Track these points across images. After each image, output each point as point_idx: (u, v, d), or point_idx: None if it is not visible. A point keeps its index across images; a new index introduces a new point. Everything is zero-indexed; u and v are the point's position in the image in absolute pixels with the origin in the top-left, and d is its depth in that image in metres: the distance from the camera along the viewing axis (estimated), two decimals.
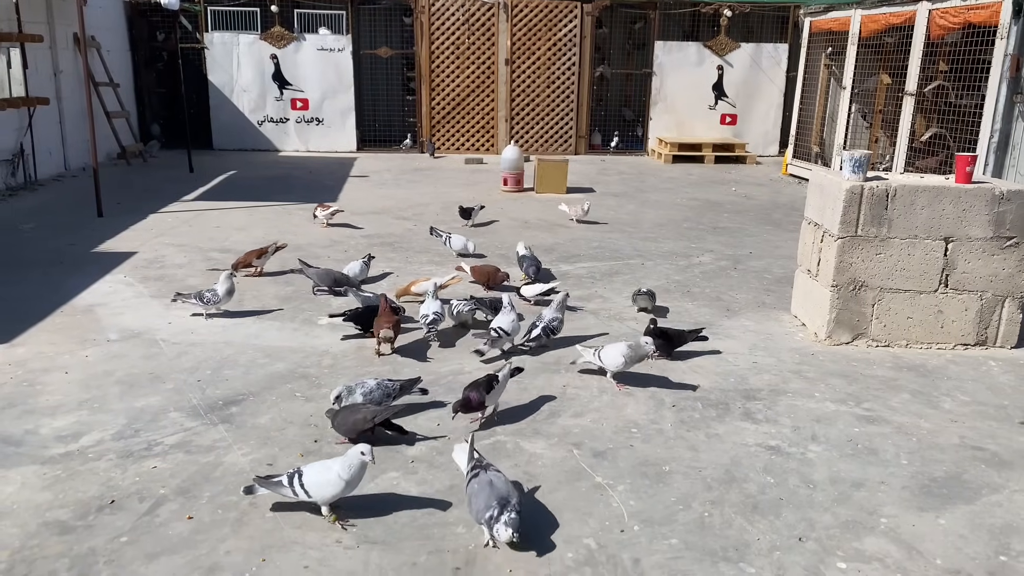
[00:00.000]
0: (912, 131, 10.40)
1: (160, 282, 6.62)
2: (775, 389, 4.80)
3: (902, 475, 3.86)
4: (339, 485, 3.36)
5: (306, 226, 8.81)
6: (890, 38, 11.00)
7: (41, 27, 11.38)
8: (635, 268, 7.39)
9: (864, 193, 5.27)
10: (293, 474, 3.40)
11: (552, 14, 14.83)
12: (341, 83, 14.84)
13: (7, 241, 7.86)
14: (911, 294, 5.43)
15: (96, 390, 4.57)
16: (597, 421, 4.33)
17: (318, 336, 5.51)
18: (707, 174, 13.56)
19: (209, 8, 14.33)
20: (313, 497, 3.36)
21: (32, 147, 10.98)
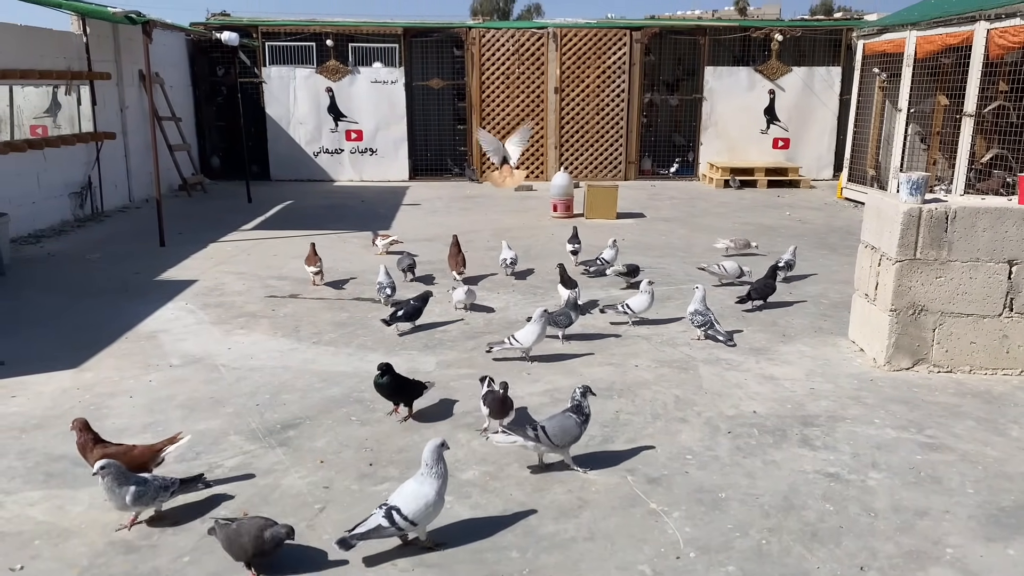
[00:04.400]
0: (972, 152, 10.17)
1: (220, 309, 6.79)
2: (833, 415, 4.71)
3: (968, 504, 3.74)
4: (440, 504, 3.36)
5: (360, 253, 8.96)
6: (947, 59, 10.81)
7: (109, 65, 11.88)
8: (688, 293, 7.32)
9: (923, 215, 5.17)
10: (389, 511, 3.25)
11: (601, 42, 14.93)
12: (394, 114, 15.13)
13: (76, 270, 8.15)
14: (974, 318, 5.29)
15: (159, 414, 4.70)
16: (651, 448, 4.30)
17: (372, 361, 5.56)
18: (760, 198, 13.42)
19: (267, 44, 14.78)
20: (419, 525, 3.29)
21: (99, 180, 11.41)
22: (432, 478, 3.34)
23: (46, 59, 10.29)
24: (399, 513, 3.27)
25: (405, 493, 3.34)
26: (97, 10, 9.63)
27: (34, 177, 9.93)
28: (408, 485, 3.38)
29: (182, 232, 9.99)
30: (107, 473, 3.46)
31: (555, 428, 3.98)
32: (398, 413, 4.66)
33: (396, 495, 3.36)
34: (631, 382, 5.21)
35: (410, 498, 3.30)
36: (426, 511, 3.30)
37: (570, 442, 4.02)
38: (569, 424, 4.00)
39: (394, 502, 3.31)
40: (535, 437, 3.95)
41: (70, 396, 4.94)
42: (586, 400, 4.08)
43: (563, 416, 4.05)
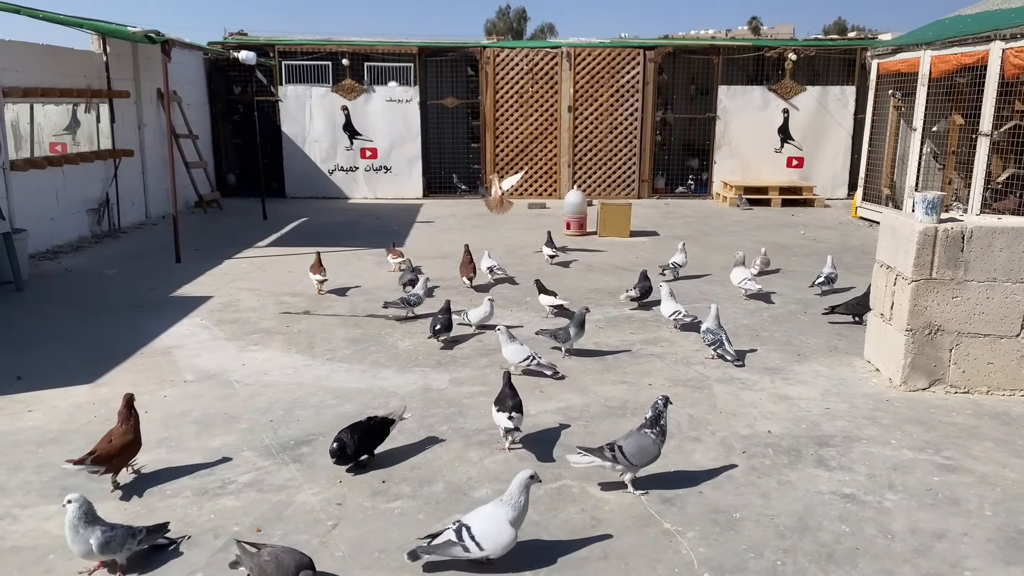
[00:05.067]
0: (988, 172, 10.13)
1: (235, 325, 6.83)
2: (849, 436, 4.68)
3: (986, 527, 3.70)
4: (510, 533, 3.27)
5: (374, 270, 9.00)
6: (962, 78, 10.79)
7: (128, 83, 12.04)
8: (702, 312, 7.31)
9: (938, 235, 5.15)
10: (460, 527, 3.27)
11: (614, 61, 15.00)
12: (408, 132, 15.23)
13: (93, 286, 8.22)
14: (991, 339, 5.25)
15: (174, 429, 4.72)
16: (665, 467, 4.27)
17: (386, 378, 5.60)
18: (774, 217, 13.40)
19: (283, 62, 14.94)
20: (486, 550, 3.24)
21: (117, 196, 11.53)
22: (509, 507, 3.33)
23: (67, 78, 10.44)
24: (469, 532, 3.27)
25: (481, 515, 3.35)
26: (117, 30, 9.78)
27: (53, 194, 10.05)
28: (485, 508, 3.40)
29: (198, 248, 10.07)
30: (76, 506, 3.24)
31: (632, 448, 3.91)
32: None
33: (472, 515, 3.38)
34: (645, 401, 5.18)
35: (483, 520, 3.31)
36: (496, 536, 3.27)
37: (648, 462, 3.97)
38: (646, 443, 3.94)
39: (468, 521, 3.33)
40: (612, 458, 3.91)
41: (86, 411, 4.97)
42: (666, 411, 4.02)
43: (640, 434, 3.98)
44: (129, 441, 4.02)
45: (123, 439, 4.00)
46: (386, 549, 3.49)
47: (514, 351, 5.56)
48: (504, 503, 3.35)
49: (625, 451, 3.91)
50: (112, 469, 3.98)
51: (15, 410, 4.98)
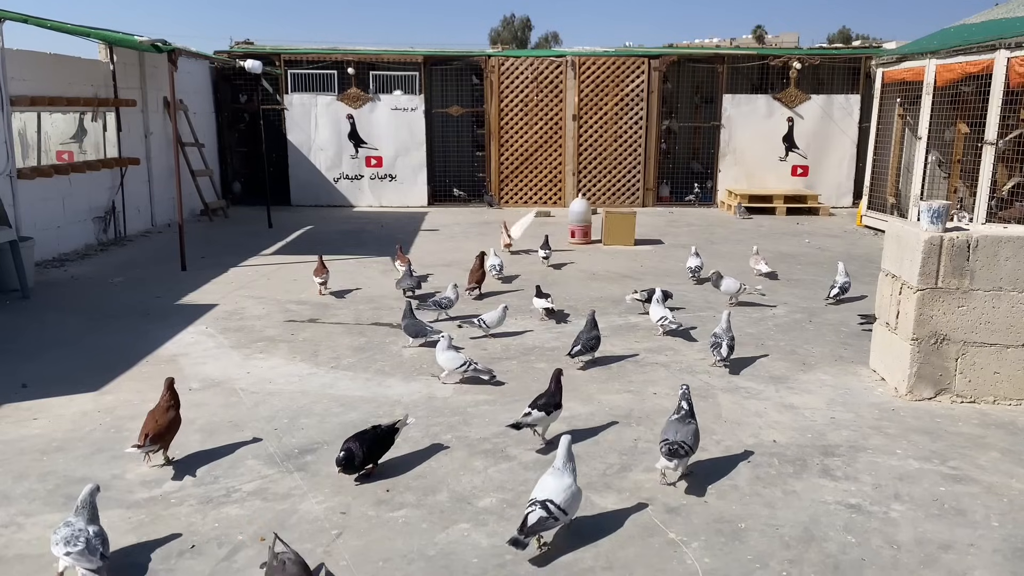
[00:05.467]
0: (993, 181, 10.11)
1: (240, 333, 6.84)
2: (854, 445, 4.66)
3: (993, 538, 3.68)
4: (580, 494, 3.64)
5: (379, 278, 9.01)
6: (967, 87, 10.79)
7: (135, 92, 12.10)
8: (706, 320, 7.31)
9: (944, 244, 5.14)
10: (544, 504, 3.46)
11: (619, 70, 15.04)
12: (413, 141, 15.28)
13: (98, 294, 8.25)
14: (997, 348, 5.23)
15: (179, 436, 4.70)
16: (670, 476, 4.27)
17: (390, 386, 5.60)
18: (779, 225, 13.39)
19: (289, 71, 15.00)
20: (568, 514, 3.55)
21: (123, 205, 11.58)
22: (568, 472, 3.62)
23: (74, 86, 10.50)
24: (555, 505, 3.49)
25: (551, 488, 3.56)
26: (124, 39, 9.83)
27: (59, 202, 10.09)
28: (548, 481, 3.60)
29: (204, 256, 10.10)
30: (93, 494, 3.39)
31: (692, 439, 4.21)
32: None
33: (541, 491, 3.56)
34: (649, 410, 5.18)
35: (560, 492, 3.54)
36: (574, 501, 3.57)
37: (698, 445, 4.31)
38: (695, 428, 4.26)
39: (544, 496, 3.52)
40: (686, 453, 4.14)
41: (91, 419, 4.98)
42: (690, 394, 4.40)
43: (686, 424, 4.25)
44: (172, 418, 4.39)
45: (166, 416, 4.37)
46: (390, 558, 3.49)
47: (449, 358, 5.57)
48: (563, 470, 3.62)
49: (688, 443, 4.16)
50: (164, 445, 4.34)
51: (20, 418, 4.99)
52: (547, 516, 3.46)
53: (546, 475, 3.64)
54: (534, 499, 3.53)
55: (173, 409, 4.42)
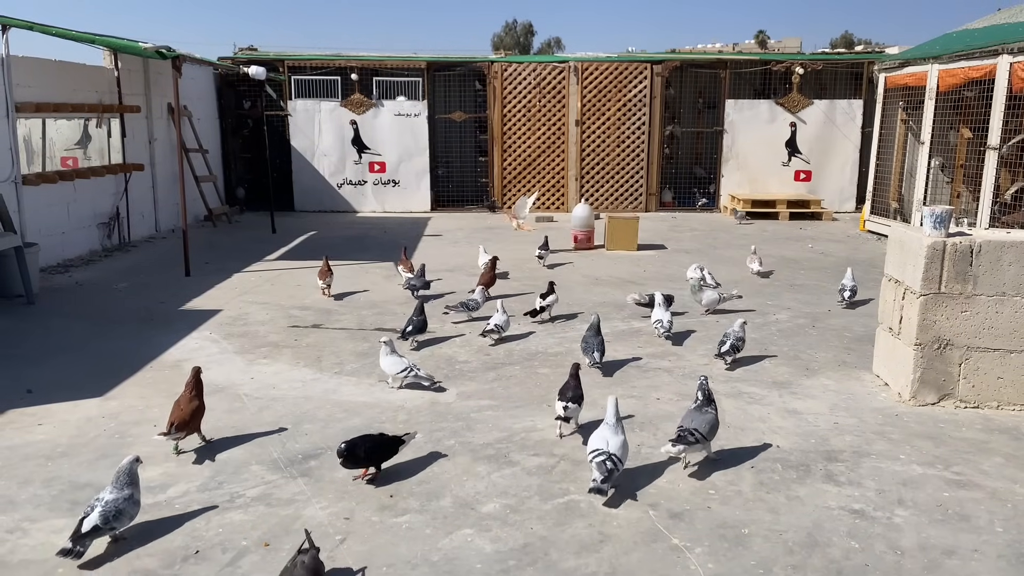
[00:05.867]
0: (996, 186, 10.11)
1: (244, 339, 6.85)
2: (858, 451, 4.66)
3: (997, 543, 3.68)
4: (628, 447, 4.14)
5: (382, 283, 9.02)
6: (970, 92, 10.79)
7: (139, 98, 12.14)
8: (709, 326, 7.31)
9: (947, 249, 5.14)
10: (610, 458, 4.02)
11: (621, 76, 15.06)
12: (417, 146, 15.31)
13: (103, 300, 8.27)
14: (1001, 353, 5.23)
15: (183, 443, 4.73)
16: (673, 481, 4.27)
17: (393, 392, 5.61)
18: (782, 230, 13.39)
19: (293, 77, 15.04)
20: (624, 463, 4.09)
21: (127, 210, 11.61)
22: (620, 430, 4.14)
23: (78, 93, 10.54)
24: (616, 457, 4.04)
25: (610, 442, 4.08)
26: (129, 45, 9.87)
27: (64, 208, 10.13)
28: (605, 434, 4.12)
29: (208, 262, 10.12)
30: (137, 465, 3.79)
31: (706, 426, 4.39)
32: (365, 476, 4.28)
33: (604, 443, 4.08)
34: (652, 415, 5.18)
35: (617, 445, 4.08)
36: (625, 452, 4.13)
37: (716, 432, 4.47)
38: (711, 418, 4.44)
39: (608, 450, 4.05)
40: (696, 440, 4.32)
41: (96, 424, 4.99)
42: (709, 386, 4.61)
43: (703, 413, 4.45)
44: (196, 407, 4.62)
45: (191, 405, 4.60)
46: (394, 564, 3.49)
47: (390, 363, 5.59)
48: (616, 427, 4.15)
49: (701, 431, 4.35)
50: (190, 432, 4.59)
51: (25, 423, 5.00)
52: (613, 468, 4.03)
53: (603, 430, 4.17)
54: (600, 450, 4.06)
55: (196, 398, 4.64)
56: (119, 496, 3.59)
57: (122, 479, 3.65)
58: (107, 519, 3.51)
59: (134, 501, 3.64)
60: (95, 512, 3.51)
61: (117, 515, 3.54)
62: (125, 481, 3.65)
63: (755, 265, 9.64)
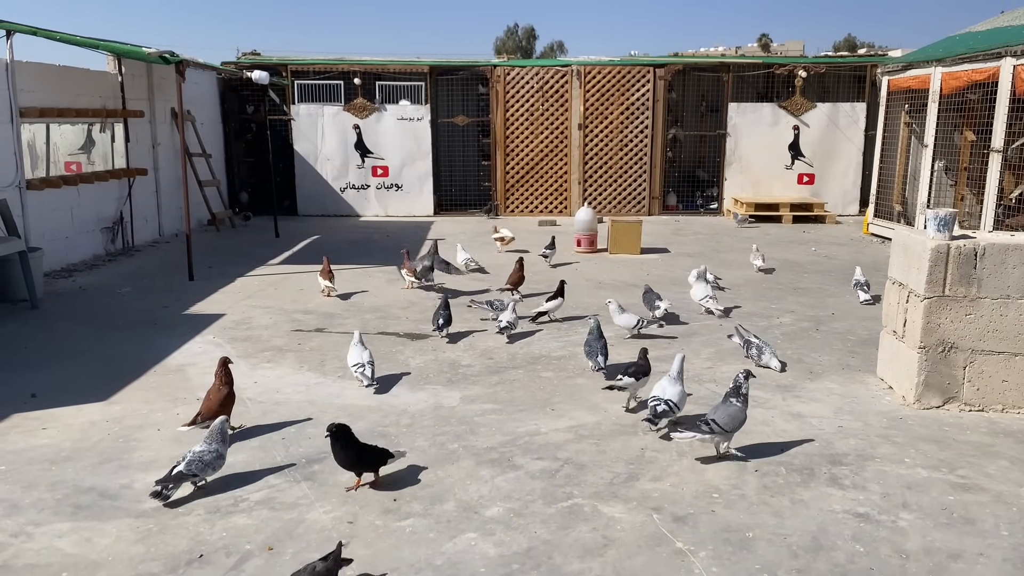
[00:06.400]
0: (1000, 188, 10.10)
1: (247, 343, 6.86)
2: (862, 454, 4.65)
3: (1002, 547, 3.66)
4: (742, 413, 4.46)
5: (385, 287, 9.03)
6: (973, 95, 10.78)
7: (143, 103, 12.17)
8: (713, 329, 7.31)
9: (951, 252, 5.13)
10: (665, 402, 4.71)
11: (624, 79, 15.07)
12: (420, 150, 15.32)
13: (106, 304, 8.28)
14: (1006, 356, 5.22)
15: (186, 446, 4.70)
16: (677, 485, 4.26)
17: (397, 395, 5.61)
18: (785, 233, 13.38)
19: (296, 82, 15.07)
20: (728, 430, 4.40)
21: (131, 215, 11.63)
22: (680, 382, 4.82)
23: (82, 98, 10.57)
24: (672, 402, 4.73)
25: (670, 391, 4.77)
26: (133, 50, 9.90)
27: (68, 212, 10.15)
28: (667, 386, 4.80)
29: (211, 266, 10.13)
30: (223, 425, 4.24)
31: (724, 417, 4.45)
32: (357, 488, 4.19)
33: (663, 392, 4.78)
34: None
35: (675, 394, 4.77)
36: (682, 400, 4.82)
37: (738, 427, 4.50)
38: (734, 411, 4.48)
39: (666, 396, 4.75)
40: (710, 430, 4.41)
41: (99, 428, 4.99)
42: (747, 383, 4.58)
43: (727, 404, 4.51)
44: (225, 395, 4.80)
45: (219, 395, 4.79)
46: (397, 568, 3.49)
47: (351, 356, 5.83)
48: (676, 379, 4.83)
49: (719, 422, 4.41)
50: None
51: (29, 427, 5.01)
52: (668, 409, 4.71)
53: (663, 381, 4.83)
54: (658, 397, 4.74)
55: (226, 387, 4.82)
56: (206, 449, 4.10)
57: (213, 435, 4.17)
58: (191, 467, 4.03)
59: (219, 455, 4.15)
60: (184, 461, 4.04)
61: (202, 465, 4.07)
62: (214, 438, 4.16)
63: (758, 262, 9.94)
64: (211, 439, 4.17)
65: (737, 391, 4.55)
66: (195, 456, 4.07)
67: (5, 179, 8.84)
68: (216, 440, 4.17)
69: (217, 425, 4.21)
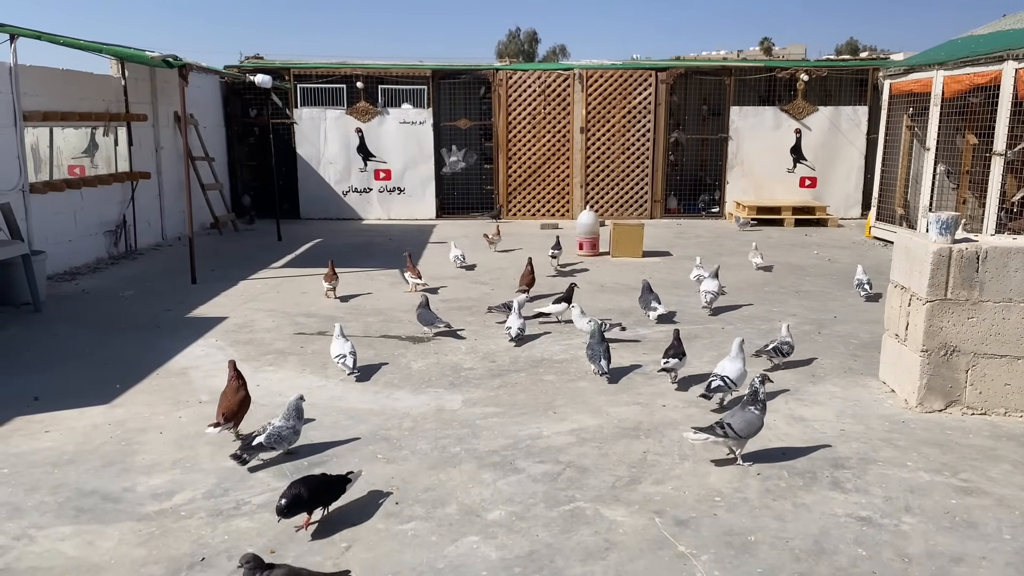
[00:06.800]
0: (1002, 192, 10.09)
1: (249, 346, 6.87)
2: (864, 457, 4.64)
3: (1005, 550, 3.66)
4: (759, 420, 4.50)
5: (388, 290, 9.04)
6: (975, 98, 10.78)
7: (146, 107, 12.20)
8: (715, 332, 7.31)
9: (953, 255, 5.13)
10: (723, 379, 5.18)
11: (626, 83, 15.09)
12: (422, 154, 15.35)
13: (109, 307, 8.30)
14: (1008, 360, 5.21)
15: (188, 450, 4.74)
16: (679, 489, 4.26)
17: (399, 399, 5.61)
18: (787, 237, 13.38)
19: (299, 85, 15.11)
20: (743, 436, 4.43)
21: (133, 218, 11.66)
22: (740, 360, 5.30)
23: (86, 102, 10.59)
24: (729, 379, 5.20)
25: (728, 368, 5.26)
26: (136, 54, 9.92)
27: (71, 216, 10.17)
28: (726, 364, 5.29)
29: (214, 269, 10.15)
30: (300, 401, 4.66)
31: (740, 423, 4.45)
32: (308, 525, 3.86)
33: (721, 369, 5.27)
34: (658, 422, 5.18)
35: (733, 371, 5.21)
36: (741, 378, 5.23)
37: (753, 433, 4.52)
38: (751, 417, 4.49)
39: (723, 373, 5.22)
40: (723, 434, 4.42)
41: (102, 431, 5.00)
42: (764, 388, 4.59)
43: (744, 411, 4.51)
44: (243, 397, 4.86)
45: (237, 396, 4.84)
46: (399, 571, 3.49)
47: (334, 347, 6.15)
48: (736, 357, 5.29)
49: (734, 427, 4.42)
50: (237, 422, 4.83)
51: (32, 431, 5.02)
52: (723, 385, 5.16)
53: (724, 360, 5.34)
54: (716, 373, 5.24)
55: (243, 388, 4.88)
56: (284, 424, 4.51)
57: (289, 412, 4.57)
58: (270, 439, 4.44)
59: (295, 431, 4.57)
60: (264, 433, 4.44)
61: (278, 439, 4.48)
62: (291, 414, 4.56)
63: (757, 259, 10.23)
64: (288, 416, 4.56)
65: (755, 397, 4.53)
66: (274, 431, 4.47)
67: (9, 183, 8.87)
68: (292, 417, 4.56)
69: (293, 402, 4.62)
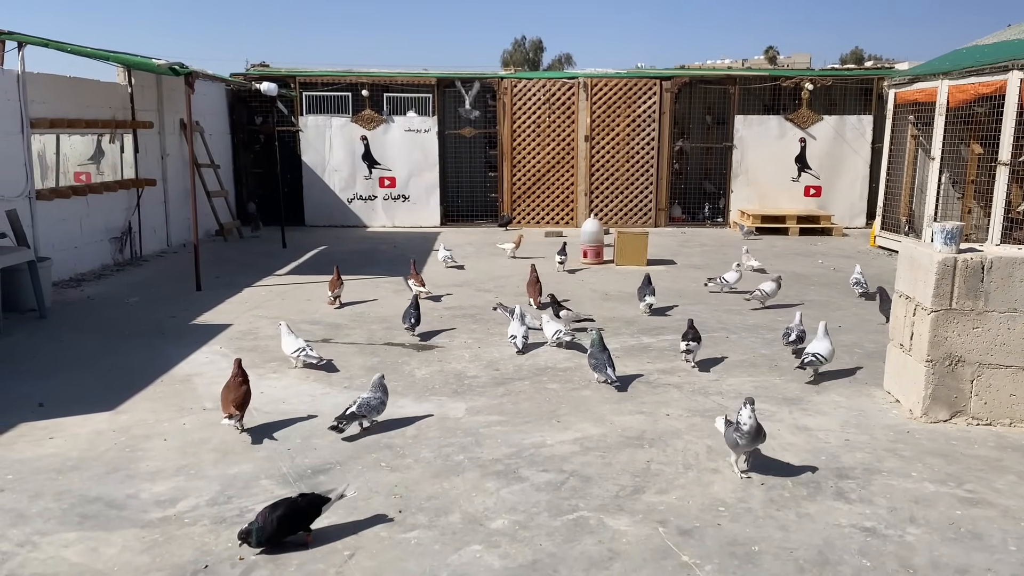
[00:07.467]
0: (1007, 201, 10.08)
1: (253, 353, 6.87)
2: (869, 468, 4.63)
3: (1010, 562, 3.64)
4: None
5: (392, 298, 9.04)
6: (980, 108, 10.78)
7: (152, 114, 12.25)
8: (719, 341, 7.30)
9: (958, 265, 5.13)
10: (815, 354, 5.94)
11: (631, 91, 15.12)
12: (427, 162, 15.38)
13: (114, 313, 8.32)
14: (1014, 370, 5.20)
15: (192, 457, 4.75)
16: (683, 498, 4.25)
17: (403, 407, 5.61)
18: (792, 246, 13.37)
19: (304, 93, 15.16)
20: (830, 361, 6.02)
21: (139, 225, 11.69)
22: (827, 339, 6.05)
23: (92, 109, 10.65)
24: (820, 355, 6.00)
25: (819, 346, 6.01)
26: (142, 62, 9.97)
27: (77, 222, 10.21)
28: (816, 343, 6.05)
29: (218, 276, 10.17)
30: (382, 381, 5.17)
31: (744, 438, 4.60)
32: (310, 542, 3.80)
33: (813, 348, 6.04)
34: (662, 431, 5.17)
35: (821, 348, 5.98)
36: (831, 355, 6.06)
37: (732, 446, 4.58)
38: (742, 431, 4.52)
39: (815, 351, 6.02)
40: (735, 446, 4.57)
41: (106, 438, 5.01)
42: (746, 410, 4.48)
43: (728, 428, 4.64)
44: (245, 391, 5.10)
45: (241, 390, 5.08)
46: None
47: (287, 344, 6.36)
48: (824, 336, 6.07)
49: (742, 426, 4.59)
50: (242, 415, 5.06)
51: (37, 437, 5.03)
52: (815, 360, 5.97)
53: (815, 340, 6.10)
54: (809, 352, 6.03)
55: (245, 383, 5.11)
56: (372, 396, 5.04)
57: (375, 387, 5.10)
58: (361, 409, 4.96)
59: (381, 402, 5.08)
60: (355, 404, 4.97)
61: (369, 408, 5.00)
62: (376, 388, 5.09)
63: (753, 262, 10.53)
64: (375, 389, 5.09)
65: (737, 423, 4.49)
66: (364, 401, 4.98)
67: (15, 189, 8.90)
68: (379, 390, 5.09)
69: (377, 379, 5.13)
